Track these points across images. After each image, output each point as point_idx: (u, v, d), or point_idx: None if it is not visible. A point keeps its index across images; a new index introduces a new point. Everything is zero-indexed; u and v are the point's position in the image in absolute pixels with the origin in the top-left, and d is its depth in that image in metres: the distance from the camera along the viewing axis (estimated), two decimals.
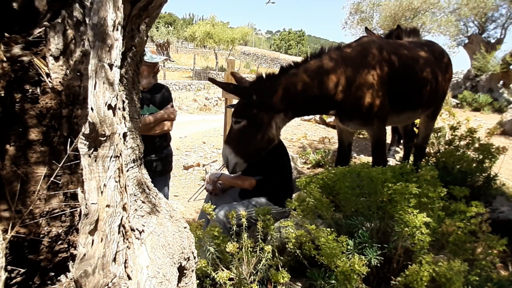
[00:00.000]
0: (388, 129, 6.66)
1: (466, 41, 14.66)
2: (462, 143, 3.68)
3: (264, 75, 2.75)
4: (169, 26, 33.97)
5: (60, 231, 0.96)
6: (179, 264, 1.17)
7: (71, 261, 0.98)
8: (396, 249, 1.90)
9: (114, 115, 0.85)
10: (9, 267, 0.88)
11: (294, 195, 2.97)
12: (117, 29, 0.86)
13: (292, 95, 2.70)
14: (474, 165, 3.28)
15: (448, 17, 13.30)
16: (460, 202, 1.94)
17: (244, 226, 2.03)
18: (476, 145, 3.49)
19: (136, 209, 1.09)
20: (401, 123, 4.46)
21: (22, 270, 0.88)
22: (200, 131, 8.79)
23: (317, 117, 8.46)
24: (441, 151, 3.91)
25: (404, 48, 3.41)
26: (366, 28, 4.70)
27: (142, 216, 1.10)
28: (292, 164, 5.18)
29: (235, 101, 3.49)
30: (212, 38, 28.08)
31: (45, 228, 0.94)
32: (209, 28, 28.30)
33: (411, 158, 4.35)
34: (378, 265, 1.83)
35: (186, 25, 38.47)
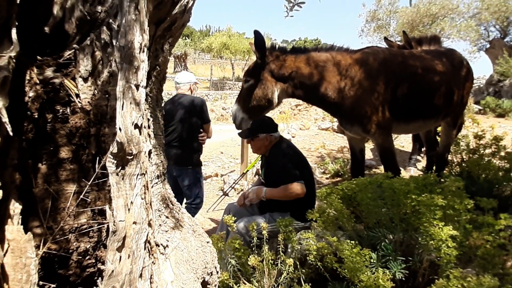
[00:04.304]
0: (409, 137, 6.54)
1: (488, 45, 14.29)
2: (487, 151, 3.56)
3: (277, 46, 3.10)
4: (186, 38, 34.66)
5: (88, 247, 0.99)
6: (202, 279, 1.17)
7: (98, 276, 1.01)
8: (421, 262, 1.85)
9: (140, 134, 0.87)
10: (40, 282, 0.90)
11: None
12: (143, 51, 0.89)
13: (289, 73, 3.01)
14: (501, 174, 3.17)
15: (468, 22, 13.02)
16: (488, 214, 1.87)
17: (264, 238, 2.02)
18: (502, 153, 3.38)
19: (160, 224, 1.10)
20: (413, 131, 4.54)
21: (53, 286, 0.91)
22: (217, 141, 8.83)
23: (335, 126, 8.39)
24: (465, 159, 3.80)
25: (413, 58, 3.40)
26: (385, 38, 4.67)
27: (166, 231, 1.11)
28: None
29: None
30: (229, 48, 28.48)
31: (74, 244, 0.97)
32: (226, 39, 28.73)
33: (434, 167, 4.25)
34: (403, 279, 1.78)
35: (203, 36, 39.14)
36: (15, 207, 0.78)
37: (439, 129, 4.19)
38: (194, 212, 3.78)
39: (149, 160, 1.02)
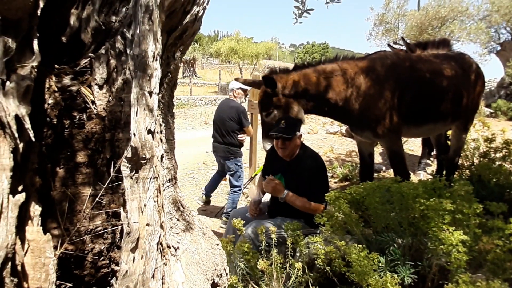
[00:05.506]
0: (419, 141, 6.49)
1: (499, 48, 14.12)
2: (498, 155, 3.53)
3: (277, 69, 3.16)
4: (195, 43, 34.93)
5: (102, 248, 1.02)
6: (212, 280, 1.20)
7: (112, 276, 1.04)
8: (430, 267, 1.84)
9: (153, 139, 0.91)
10: (57, 282, 0.94)
11: None
12: (156, 59, 0.93)
13: (299, 89, 3.04)
14: None
15: (478, 24, 12.88)
16: (498, 219, 1.86)
17: (273, 242, 2.04)
18: None
19: (171, 227, 1.13)
20: (423, 135, 4.56)
21: (69, 285, 0.94)
22: None
23: (343, 130, 8.38)
24: (475, 163, 3.77)
25: (421, 62, 3.41)
26: (389, 45, 4.69)
27: (177, 233, 1.14)
28: None
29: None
30: (237, 53, 28.62)
31: (89, 245, 1.01)
32: (234, 44, 28.88)
33: (444, 171, 4.22)
34: (412, 283, 1.78)
35: (211, 41, 39.44)
36: (35, 209, 0.82)
37: (449, 133, 4.18)
38: (236, 197, 4.65)
39: (161, 164, 1.05)
